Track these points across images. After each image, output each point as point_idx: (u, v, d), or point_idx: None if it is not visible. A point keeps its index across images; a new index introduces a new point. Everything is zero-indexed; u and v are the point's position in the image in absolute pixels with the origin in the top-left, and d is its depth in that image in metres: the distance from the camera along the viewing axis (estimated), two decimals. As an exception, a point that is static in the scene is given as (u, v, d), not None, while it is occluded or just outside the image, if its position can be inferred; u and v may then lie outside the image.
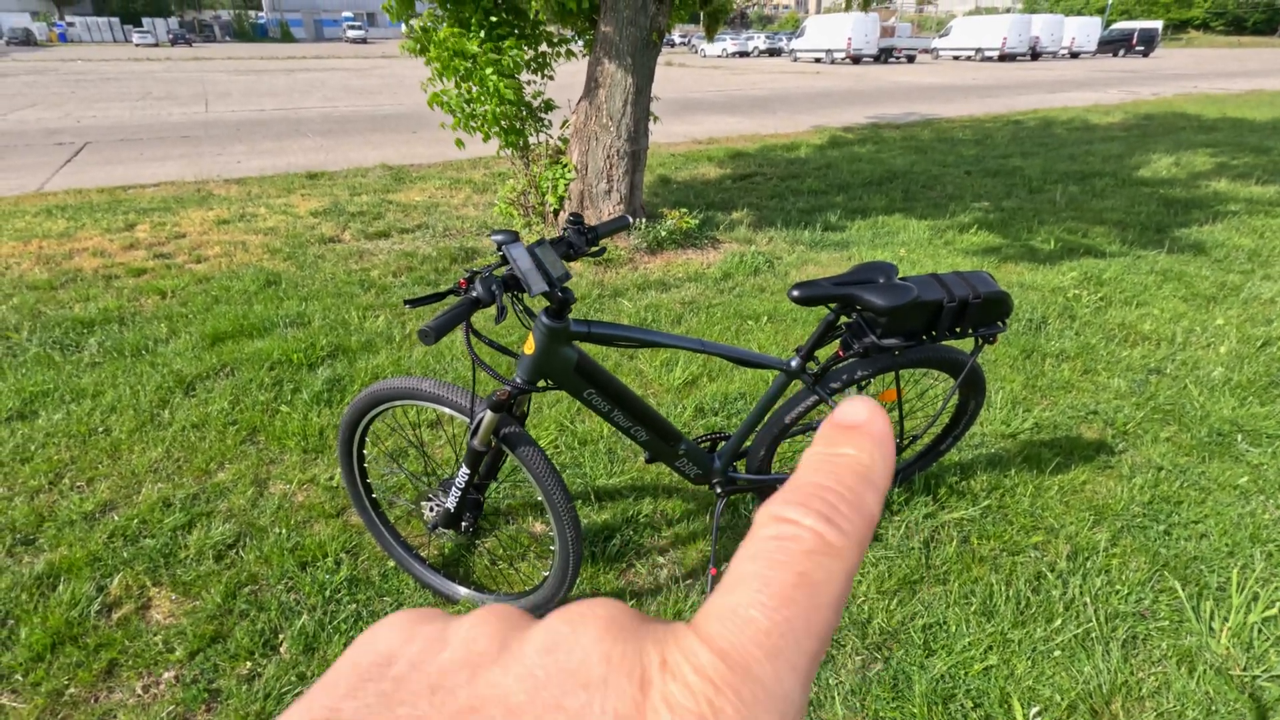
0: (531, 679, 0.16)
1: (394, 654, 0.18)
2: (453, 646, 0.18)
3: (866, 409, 0.20)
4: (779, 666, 0.15)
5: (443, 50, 4.17)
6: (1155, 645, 1.72)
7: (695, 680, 0.15)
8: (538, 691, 0.16)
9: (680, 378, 2.88)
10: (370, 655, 0.19)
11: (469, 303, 1.26)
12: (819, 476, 0.18)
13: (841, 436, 0.19)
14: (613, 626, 0.17)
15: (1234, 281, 4.00)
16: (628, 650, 0.16)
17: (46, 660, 1.63)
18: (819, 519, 0.17)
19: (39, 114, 11.24)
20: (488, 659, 0.17)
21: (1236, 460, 2.41)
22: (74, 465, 2.32)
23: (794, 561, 0.17)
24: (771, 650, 0.16)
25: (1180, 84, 18.33)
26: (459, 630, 0.19)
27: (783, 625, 0.16)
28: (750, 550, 0.17)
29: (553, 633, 0.17)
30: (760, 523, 0.18)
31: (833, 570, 0.17)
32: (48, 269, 4.07)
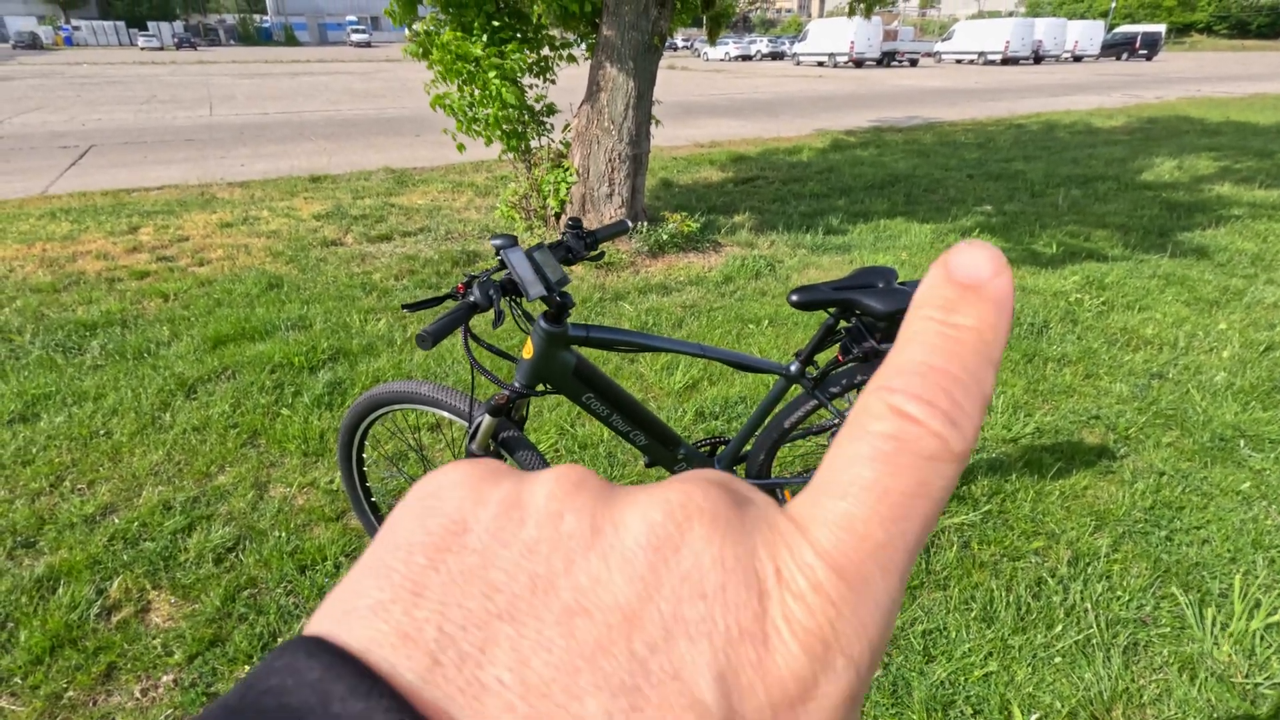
0: (641, 581, 0.15)
1: (466, 520, 0.16)
2: (535, 521, 0.16)
3: (990, 262, 0.17)
4: (891, 579, 0.15)
5: (445, 54, 4.19)
6: (1156, 652, 1.71)
7: (814, 599, 0.15)
8: (651, 597, 0.15)
9: (680, 381, 2.88)
10: (439, 518, 0.17)
11: (466, 307, 1.26)
12: (939, 358, 0.16)
13: (960, 300, 0.17)
14: (720, 522, 0.16)
15: (1237, 286, 3.98)
16: (741, 553, 0.15)
17: (45, 663, 1.63)
18: (944, 421, 0.15)
19: (44, 117, 11.30)
20: (580, 543, 0.16)
21: (1239, 466, 2.40)
22: (75, 468, 2.32)
23: (914, 468, 0.15)
24: (886, 564, 0.15)
25: (1184, 88, 18.31)
26: (536, 498, 0.17)
27: (898, 539, 0.15)
28: (865, 449, 0.16)
29: (656, 528, 0.16)
30: (875, 412, 0.16)
31: (948, 476, 0.16)
32: (51, 272, 4.09)
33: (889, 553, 0.15)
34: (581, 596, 0.15)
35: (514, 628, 0.14)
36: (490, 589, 0.15)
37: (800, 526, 0.16)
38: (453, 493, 0.17)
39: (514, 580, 0.15)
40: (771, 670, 0.14)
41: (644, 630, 0.14)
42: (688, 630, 0.14)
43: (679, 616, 0.14)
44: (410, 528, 0.17)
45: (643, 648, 0.14)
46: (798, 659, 0.14)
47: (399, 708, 0.13)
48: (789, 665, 0.14)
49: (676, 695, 0.13)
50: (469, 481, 0.18)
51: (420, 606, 0.14)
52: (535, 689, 0.13)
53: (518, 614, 0.14)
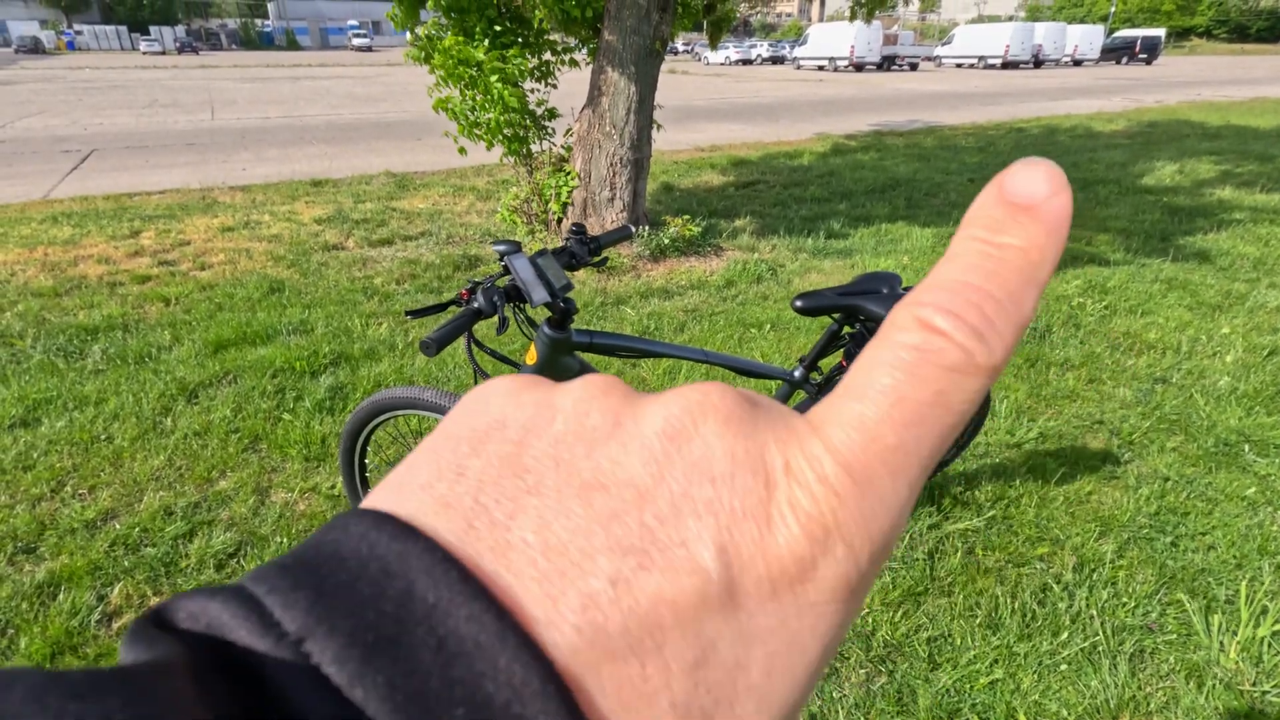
0: (655, 464, 0.16)
1: (505, 418, 0.18)
2: (564, 417, 0.18)
3: (1048, 181, 0.16)
4: (898, 482, 0.16)
5: (447, 58, 4.19)
6: (1163, 659, 1.70)
7: (819, 489, 0.15)
8: (663, 477, 0.16)
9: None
10: (484, 417, 0.18)
11: (470, 314, 1.25)
12: (976, 275, 0.16)
13: (1011, 219, 0.16)
14: (733, 421, 0.17)
15: (1239, 290, 3.98)
16: (751, 447, 0.16)
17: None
18: (970, 334, 0.16)
19: (46, 121, 11.33)
20: (602, 434, 0.17)
21: (1244, 471, 2.39)
22: (76, 473, 2.32)
23: (934, 379, 0.16)
24: (895, 467, 0.16)
25: (1184, 91, 18.33)
26: (566, 399, 0.18)
27: (910, 443, 0.16)
28: (887, 357, 0.16)
29: (672, 420, 0.17)
30: (901, 324, 0.16)
31: (970, 390, 0.16)
32: (53, 276, 4.09)
33: (899, 456, 0.16)
34: (600, 475, 0.16)
35: (539, 500, 0.16)
36: (521, 470, 0.16)
37: (814, 426, 0.16)
38: (496, 397, 0.19)
39: (542, 463, 0.16)
40: (771, 548, 0.15)
41: (654, 504, 0.15)
42: (695, 508, 0.15)
43: (688, 495, 0.15)
44: (459, 425, 0.19)
45: (652, 519, 0.15)
46: (798, 540, 0.15)
47: (432, 550, 0.14)
48: (789, 545, 0.15)
49: (681, 560, 0.15)
50: (510, 388, 0.20)
51: (460, 483, 0.16)
52: (554, 548, 0.15)
53: (543, 490, 0.16)
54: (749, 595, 0.15)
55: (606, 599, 0.14)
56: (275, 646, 0.13)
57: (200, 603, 0.14)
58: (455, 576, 0.14)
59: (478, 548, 0.15)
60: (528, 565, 0.15)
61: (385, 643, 0.13)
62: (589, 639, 0.14)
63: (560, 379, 0.93)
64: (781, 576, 0.15)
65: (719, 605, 0.15)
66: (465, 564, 0.15)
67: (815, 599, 0.15)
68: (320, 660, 0.13)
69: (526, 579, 0.15)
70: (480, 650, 0.13)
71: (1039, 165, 0.17)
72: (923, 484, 0.16)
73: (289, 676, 0.13)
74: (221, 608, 0.14)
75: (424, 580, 0.14)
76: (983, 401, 1.92)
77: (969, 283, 0.16)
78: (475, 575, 0.14)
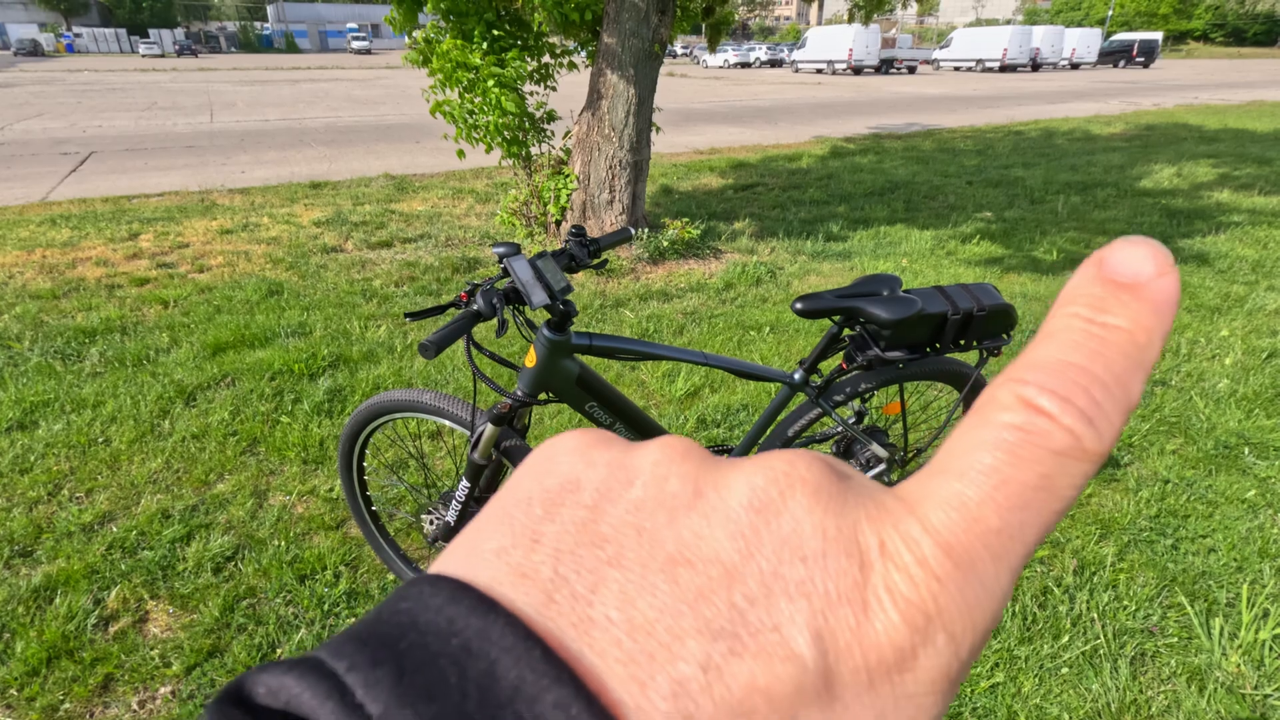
0: (743, 538, 0.15)
1: (579, 479, 0.17)
2: (642, 482, 0.17)
3: (1154, 260, 0.16)
4: (1000, 568, 0.15)
5: (446, 62, 4.19)
6: (1164, 663, 1.69)
7: (919, 573, 0.14)
8: (752, 555, 0.15)
9: (682, 389, 2.87)
10: (555, 479, 0.18)
11: (470, 316, 1.25)
12: (1081, 356, 0.15)
13: (1114, 299, 0.16)
14: (822, 495, 0.16)
15: (1238, 293, 3.98)
16: (843, 525, 0.15)
17: (42, 674, 1.61)
18: (1078, 418, 0.15)
19: (45, 124, 11.32)
20: (683, 503, 0.16)
21: (1244, 473, 2.39)
22: (73, 476, 2.31)
23: (1039, 461, 0.15)
24: (998, 552, 0.15)
25: (1181, 95, 18.38)
26: (643, 462, 0.18)
27: (1014, 528, 0.15)
28: (990, 437, 0.15)
29: (758, 491, 0.16)
30: (1003, 404, 0.15)
31: (1078, 475, 0.15)
32: (51, 278, 4.08)
33: (1002, 540, 0.15)
34: (685, 549, 0.15)
35: (621, 573, 0.15)
36: (600, 539, 0.16)
37: (909, 505, 0.15)
38: (567, 456, 0.18)
39: (621, 532, 0.16)
40: (870, 636, 0.14)
41: (744, 584, 0.15)
42: (787, 589, 0.14)
43: (779, 574, 0.15)
44: (529, 485, 0.18)
45: (742, 600, 0.14)
46: (897, 628, 0.14)
47: (514, 626, 0.14)
48: (888, 633, 0.14)
49: (774, 646, 0.14)
50: (581, 446, 0.19)
51: (537, 551, 0.16)
52: (640, 627, 0.14)
53: (625, 562, 0.15)
54: (845, 686, 0.14)
55: (698, 686, 0.13)
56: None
57: (278, 678, 0.13)
58: (538, 656, 0.13)
59: (560, 623, 0.14)
60: (613, 645, 0.14)
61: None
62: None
63: (560, 382, 0.94)
64: (879, 666, 0.14)
65: (814, 696, 0.14)
66: (548, 641, 0.14)
67: (914, 690, 0.14)
68: None
69: (612, 660, 0.14)
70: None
71: (1145, 243, 0.16)
72: (1022, 570, 0.16)
73: None
74: (300, 684, 0.13)
75: (506, 660, 0.13)
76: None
77: (1073, 363, 0.15)
78: (559, 655, 0.14)
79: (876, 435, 1.89)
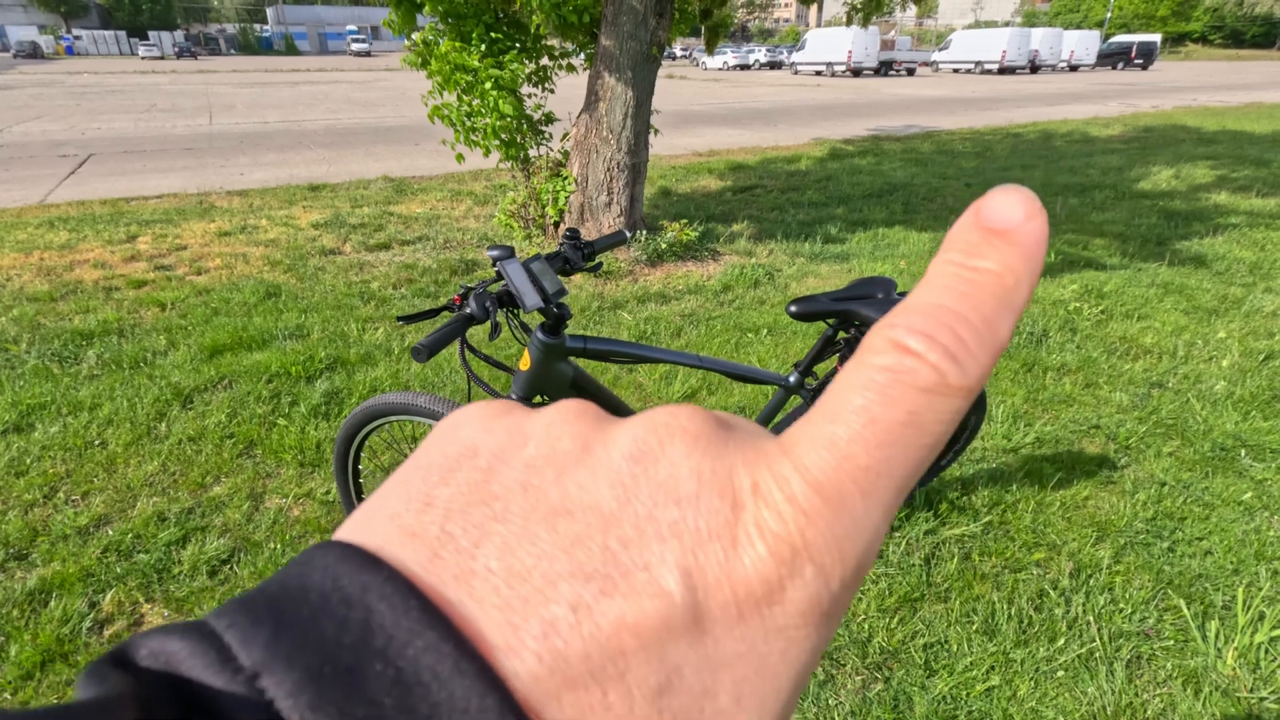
0: (621, 487, 0.16)
1: (476, 445, 0.18)
2: (535, 442, 0.18)
3: (1024, 206, 0.16)
4: (870, 504, 0.15)
5: (444, 64, 4.20)
6: (1160, 665, 1.69)
7: (787, 509, 0.15)
8: (629, 501, 0.16)
9: (679, 391, 2.87)
10: (455, 446, 0.19)
11: (463, 319, 1.25)
12: (949, 298, 0.16)
13: (985, 244, 0.16)
14: (701, 441, 0.17)
15: (1235, 294, 3.99)
16: (718, 468, 0.16)
17: (36, 679, 1.61)
18: (944, 355, 0.15)
19: (44, 126, 11.32)
20: (571, 459, 0.17)
21: (1240, 476, 2.39)
22: (69, 479, 2.30)
23: (906, 399, 0.15)
24: (867, 488, 0.15)
25: (1179, 97, 18.41)
26: (537, 425, 0.19)
27: (883, 464, 0.15)
28: (860, 379, 0.16)
29: (639, 441, 0.17)
30: (875, 348, 0.16)
31: (945, 411, 0.16)
32: (48, 281, 4.08)
33: (871, 477, 0.15)
34: (567, 500, 0.16)
35: (505, 527, 0.16)
36: (489, 497, 0.16)
37: (784, 447, 0.16)
38: (468, 425, 0.19)
39: (510, 490, 0.16)
40: (738, 570, 0.15)
41: (619, 528, 0.15)
42: (660, 530, 0.15)
43: (653, 517, 0.15)
44: (431, 453, 0.19)
45: (616, 543, 0.15)
46: (764, 561, 0.15)
47: (394, 580, 0.14)
48: (756, 567, 0.15)
49: (643, 584, 0.15)
50: (481, 416, 0.20)
51: (428, 512, 0.16)
52: (518, 574, 0.15)
53: (510, 516, 0.16)
54: (715, 620, 0.15)
55: (567, 625, 0.14)
56: (230, 682, 0.13)
57: (160, 640, 0.14)
58: (415, 605, 0.14)
59: (443, 577, 0.15)
60: (490, 593, 0.15)
61: (341, 675, 0.13)
62: (549, 666, 0.14)
63: (554, 385, 0.95)
64: (748, 599, 0.15)
65: (684, 630, 0.14)
66: (428, 593, 0.14)
67: (784, 623, 0.15)
68: (275, 695, 0.13)
69: (489, 606, 0.14)
70: (438, 680, 0.13)
71: (1014, 191, 0.17)
72: (898, 506, 0.16)
73: (243, 712, 0.13)
74: (180, 644, 0.13)
75: (383, 611, 0.14)
76: (979, 406, 1.92)
77: (943, 305, 0.16)
78: (437, 604, 0.14)
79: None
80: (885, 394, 0.15)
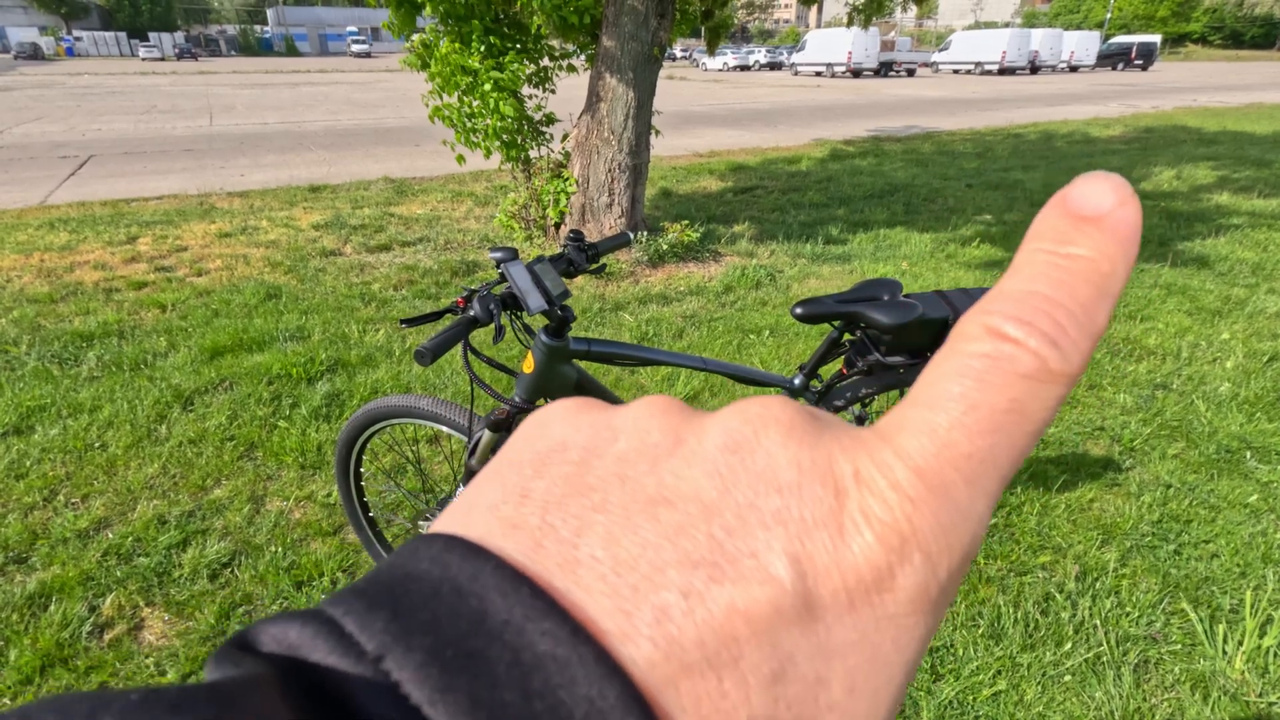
0: (719, 476, 0.16)
1: (566, 440, 0.18)
2: (625, 435, 0.18)
3: (1115, 193, 0.16)
4: (975, 492, 0.15)
5: (444, 65, 4.19)
6: (1168, 670, 1.68)
7: (892, 496, 0.15)
8: (729, 490, 0.16)
9: (681, 393, 2.86)
10: (545, 442, 0.19)
11: (466, 322, 1.24)
12: (1045, 285, 0.16)
13: (1077, 230, 0.16)
14: (796, 430, 0.16)
15: (1239, 295, 3.97)
16: (817, 457, 0.16)
17: (35, 683, 1.60)
18: (1043, 341, 0.15)
19: (45, 127, 11.32)
20: (664, 450, 0.17)
21: (1246, 478, 2.37)
22: (69, 481, 2.29)
23: (1008, 386, 0.15)
24: (970, 476, 0.15)
25: (1180, 97, 18.40)
26: (625, 419, 0.19)
27: (985, 451, 0.15)
28: (957, 366, 0.16)
29: (733, 432, 0.17)
30: (970, 335, 0.16)
31: (1047, 398, 0.15)
32: (49, 282, 4.07)
33: (974, 464, 0.15)
34: (665, 490, 0.16)
35: (606, 516, 0.16)
36: (586, 489, 0.17)
37: (882, 435, 0.16)
38: (556, 421, 0.20)
39: (606, 482, 0.17)
40: (847, 558, 0.15)
41: (722, 517, 0.15)
42: (763, 518, 0.15)
43: (755, 506, 0.15)
44: (520, 448, 0.19)
45: (720, 531, 0.15)
46: (873, 549, 0.15)
47: (502, 569, 0.15)
48: (865, 554, 0.15)
49: (752, 571, 0.14)
50: (569, 412, 0.20)
51: (526, 504, 0.16)
52: (624, 563, 0.15)
53: (609, 507, 0.16)
54: (826, 607, 0.14)
55: (680, 611, 0.14)
56: (355, 665, 0.13)
57: (281, 627, 0.14)
58: (526, 593, 0.14)
59: (547, 565, 0.15)
60: (598, 581, 0.15)
61: (463, 658, 0.13)
62: (664, 652, 0.14)
63: (557, 388, 0.93)
64: (858, 587, 0.15)
65: (795, 617, 0.14)
66: (536, 581, 0.15)
67: (895, 611, 0.15)
68: (400, 677, 0.13)
69: (597, 594, 0.15)
70: (557, 664, 0.13)
71: (1105, 177, 0.16)
72: (999, 495, 0.16)
73: (370, 694, 0.13)
74: (301, 630, 0.14)
75: (496, 598, 0.14)
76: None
77: (1038, 291, 0.16)
78: (546, 591, 0.14)
79: (877, 440, 1.87)
80: (984, 381, 0.15)
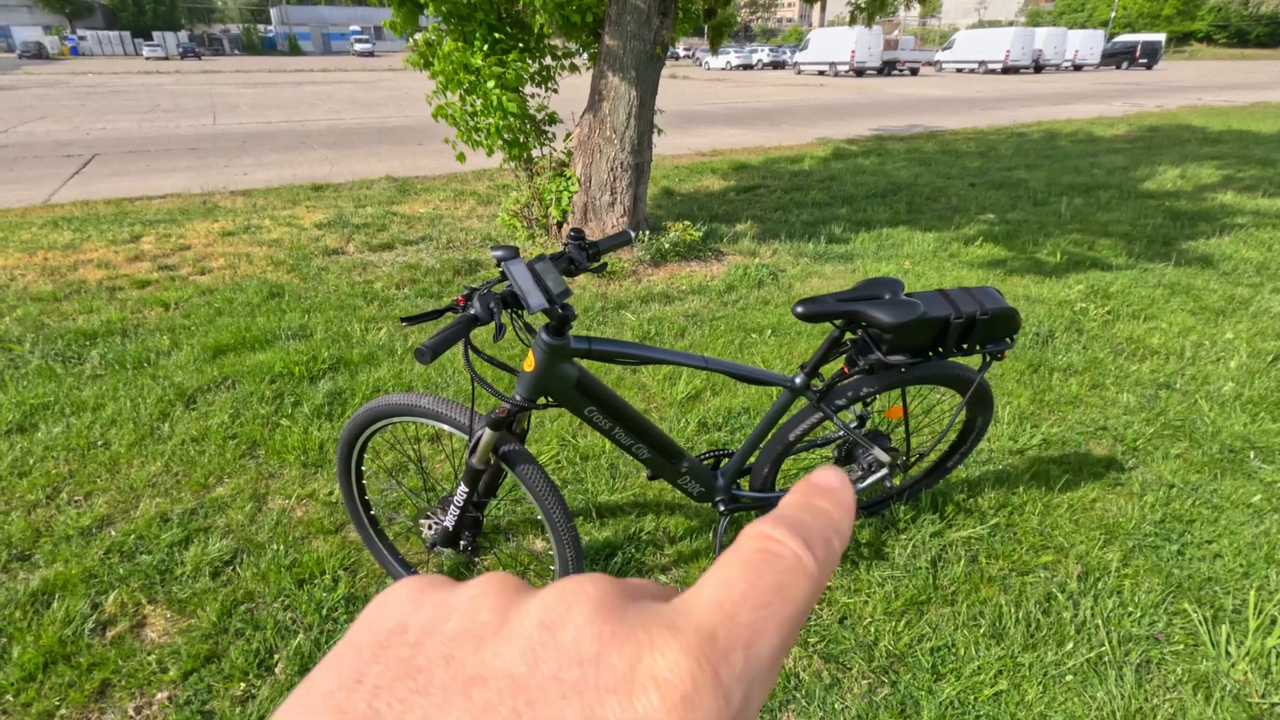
0: (532, 653, 0.18)
1: (406, 621, 0.20)
2: (458, 616, 0.20)
3: (838, 480, 0.24)
4: (750, 656, 0.18)
5: (447, 64, 4.19)
6: (1170, 670, 1.67)
7: (680, 659, 0.17)
8: (537, 665, 0.18)
9: (683, 392, 2.86)
10: (386, 622, 0.21)
11: (466, 320, 1.24)
12: (800, 514, 0.22)
13: (817, 494, 0.23)
14: (603, 607, 0.19)
15: (1243, 295, 3.96)
16: (619, 630, 0.18)
17: (38, 680, 1.60)
18: (800, 544, 0.20)
19: (49, 126, 11.35)
20: (490, 630, 0.19)
21: (1249, 478, 2.37)
22: (72, 479, 2.30)
23: (775, 574, 0.20)
24: (747, 642, 0.18)
25: (1184, 96, 18.33)
26: (462, 599, 0.21)
27: (759, 623, 0.18)
28: (738, 558, 0.20)
29: (549, 609, 0.19)
30: (749, 536, 0.21)
31: (803, 589, 0.20)
32: (52, 280, 4.08)
33: (751, 634, 0.18)
34: (483, 669, 0.18)
35: (427, 699, 0.17)
36: (415, 671, 0.18)
37: (676, 608, 0.19)
38: (398, 601, 0.22)
39: (433, 663, 0.18)
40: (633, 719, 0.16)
41: (527, 691, 0.17)
42: (563, 689, 0.17)
43: (558, 678, 0.17)
44: (361, 631, 0.21)
45: (524, 704, 0.17)
46: (657, 708, 0.16)
47: None
48: (649, 713, 0.16)
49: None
50: (412, 592, 0.22)
51: (358, 690, 0.18)
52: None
53: (431, 689, 0.18)
54: None
55: None
56: None
57: None
58: None
59: None
60: None
61: None
62: None
63: (558, 386, 0.93)
64: None
65: None
66: None
67: None
68: None
69: None
70: None
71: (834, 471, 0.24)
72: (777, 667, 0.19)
73: None
74: None
75: None
76: (985, 407, 1.90)
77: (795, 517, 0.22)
78: None
79: (878, 439, 1.87)
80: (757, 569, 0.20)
